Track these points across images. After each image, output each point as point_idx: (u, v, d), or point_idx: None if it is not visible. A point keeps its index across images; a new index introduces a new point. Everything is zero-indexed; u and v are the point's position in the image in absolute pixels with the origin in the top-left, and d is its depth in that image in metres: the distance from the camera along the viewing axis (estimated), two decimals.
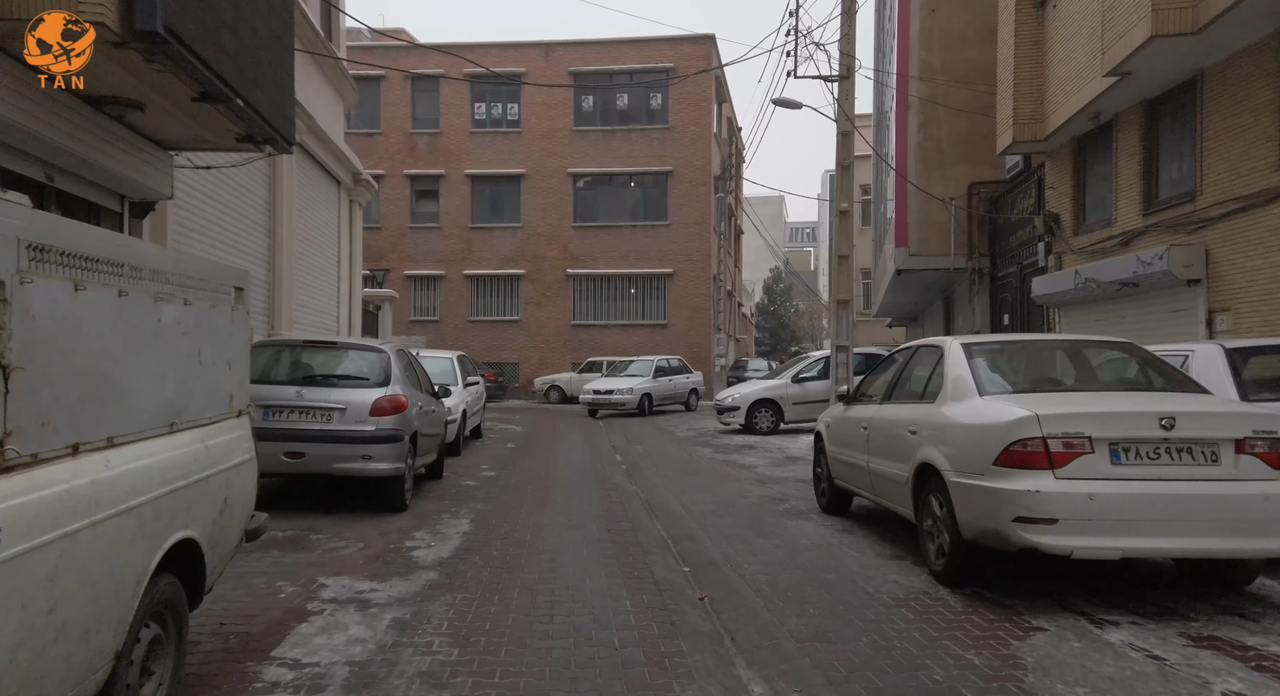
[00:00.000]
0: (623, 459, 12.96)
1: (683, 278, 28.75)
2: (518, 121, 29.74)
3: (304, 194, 12.27)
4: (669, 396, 22.79)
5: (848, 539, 6.65)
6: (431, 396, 9.40)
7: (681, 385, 23.17)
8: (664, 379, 22.61)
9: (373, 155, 29.60)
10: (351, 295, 14.95)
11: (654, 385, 22.04)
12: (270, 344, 7.80)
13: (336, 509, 7.60)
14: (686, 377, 23.49)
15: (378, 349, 7.91)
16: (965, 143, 14.67)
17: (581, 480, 10.26)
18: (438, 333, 29.49)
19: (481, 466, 11.35)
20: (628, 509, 8.23)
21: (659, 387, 22.29)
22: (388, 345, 8.11)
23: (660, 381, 22.40)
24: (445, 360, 13.89)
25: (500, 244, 29.70)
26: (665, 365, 23.21)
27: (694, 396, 23.59)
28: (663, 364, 23.18)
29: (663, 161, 28.81)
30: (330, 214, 13.88)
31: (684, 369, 23.76)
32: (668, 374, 22.94)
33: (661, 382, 22.43)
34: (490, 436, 15.69)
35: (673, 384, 22.87)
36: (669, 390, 22.72)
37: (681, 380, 23.23)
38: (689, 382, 23.47)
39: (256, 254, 10.37)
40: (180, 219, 8.24)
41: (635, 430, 17.58)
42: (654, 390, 22.02)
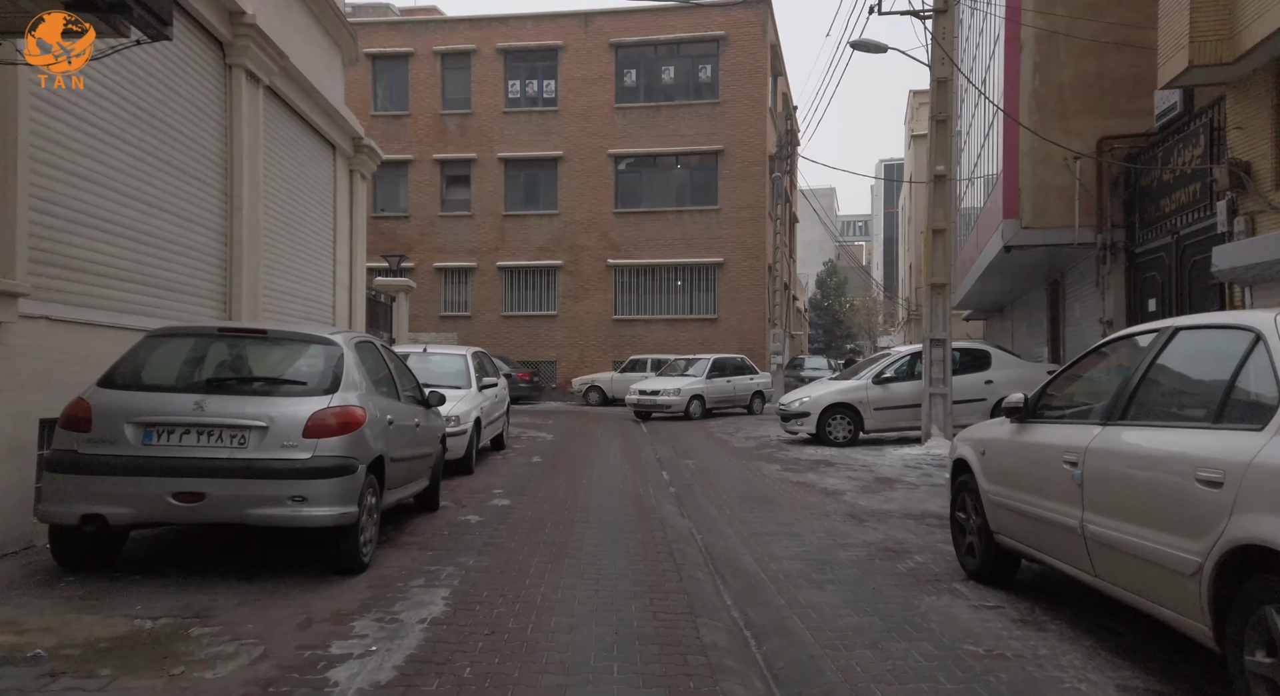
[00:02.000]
0: (671, 478, 10.54)
1: (735, 267, 26.18)
2: (554, 99, 27.48)
3: (280, 154, 10.06)
4: (725, 399, 20.30)
5: (1041, 644, 4.10)
6: (417, 405, 7.07)
7: (742, 387, 20.67)
8: (720, 380, 20.11)
9: (400, 139, 27.66)
10: (353, 282, 12.75)
11: (707, 386, 19.59)
12: (168, 334, 5.51)
13: (261, 569, 5.30)
14: (749, 379, 20.97)
15: (324, 339, 5.57)
16: (1094, 88, 11.90)
17: (618, 512, 7.85)
18: (469, 329, 27.40)
19: (494, 490, 9.01)
20: (681, 566, 5.79)
21: (714, 389, 19.81)
22: (343, 334, 5.77)
23: (715, 382, 19.92)
24: (458, 357, 11.60)
25: (535, 233, 27.47)
26: (724, 364, 20.68)
27: (758, 400, 21.09)
28: (722, 362, 20.68)
29: (712, 140, 26.27)
30: (322, 183, 11.68)
31: (746, 368, 21.20)
32: (726, 373, 20.43)
33: (717, 384, 19.95)
34: (515, 447, 13.38)
35: (731, 385, 20.37)
36: (725, 392, 20.22)
37: (742, 381, 20.72)
38: (752, 384, 20.96)
39: (204, 220, 8.16)
40: (54, 158, 6.01)
41: (685, 439, 15.11)
42: (707, 392, 19.55)
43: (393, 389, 6.45)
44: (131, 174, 7.01)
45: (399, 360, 7.23)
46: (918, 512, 7.83)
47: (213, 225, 8.42)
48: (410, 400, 6.98)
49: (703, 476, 10.52)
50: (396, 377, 6.57)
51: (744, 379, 20.85)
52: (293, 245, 10.58)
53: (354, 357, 5.63)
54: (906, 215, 40.08)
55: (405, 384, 7.10)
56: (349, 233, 12.60)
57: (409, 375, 7.32)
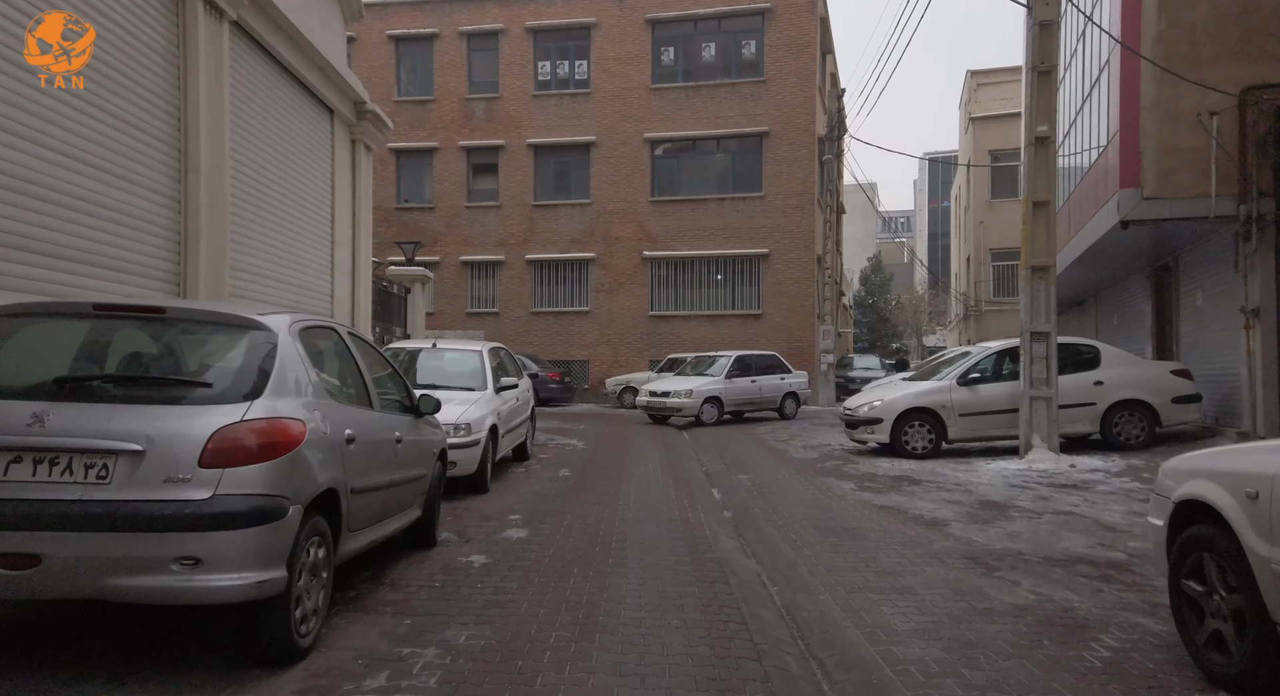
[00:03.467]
0: (724, 498, 8.78)
1: (781, 259, 24.26)
2: (586, 81, 25.80)
3: (257, 109, 8.46)
4: (749, 401, 18.23)
5: None
6: (402, 413, 5.38)
7: (770, 388, 18.50)
8: (743, 380, 18.01)
9: (425, 125, 26.21)
10: (356, 268, 11.16)
11: (726, 387, 17.59)
12: (18, 314, 3.80)
13: (144, 660, 3.62)
14: (780, 378, 18.73)
15: (249, 323, 3.85)
16: (1235, 28, 9.89)
17: (664, 549, 6.11)
18: (496, 326, 25.83)
19: (510, 516, 7.32)
20: (761, 647, 4.04)
21: (735, 391, 17.78)
22: (281, 316, 4.05)
23: (737, 383, 17.86)
24: (472, 354, 9.93)
25: (566, 223, 25.81)
26: (750, 362, 18.54)
27: (791, 402, 18.86)
28: (747, 359, 18.57)
29: (756, 121, 24.39)
30: (316, 152, 10.09)
31: (777, 367, 18.96)
32: (751, 373, 18.28)
33: (739, 385, 17.89)
34: (541, 457, 11.69)
35: (757, 386, 18.25)
36: (748, 394, 18.13)
37: (770, 382, 18.54)
38: (783, 385, 18.73)
39: (149, 182, 6.56)
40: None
41: (735, 448, 13.30)
42: (726, 393, 17.56)
43: (362, 392, 4.76)
44: (51, 121, 5.40)
45: (378, 354, 5.54)
46: (1059, 555, 5.96)
47: (162, 189, 6.82)
48: (392, 407, 5.29)
49: (762, 496, 8.72)
50: (368, 377, 4.87)
51: (773, 379, 18.62)
52: (276, 221, 8.98)
53: (296, 349, 3.93)
54: (962, 204, 37.80)
55: (387, 385, 5.41)
56: (351, 212, 11.01)
57: (394, 374, 5.63)
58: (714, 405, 17.46)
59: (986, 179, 30.63)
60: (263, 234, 8.62)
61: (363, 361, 4.92)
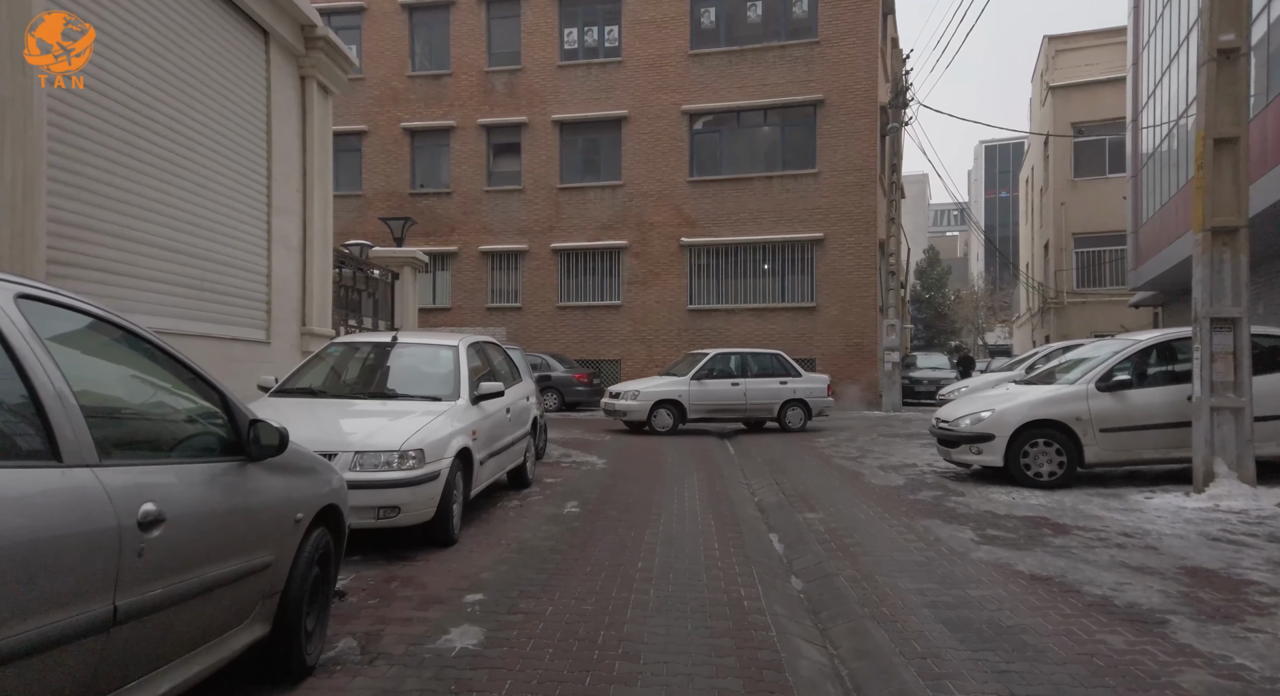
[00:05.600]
0: (789, 554, 6.16)
1: (837, 244, 21.41)
2: (617, 49, 23.23)
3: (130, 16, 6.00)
4: (728, 408, 15.14)
5: None
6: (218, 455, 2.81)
7: (762, 394, 15.17)
8: (720, 382, 15.05)
9: (441, 103, 23.89)
10: (309, 242, 8.72)
11: (691, 390, 14.76)
12: None
13: None
14: (779, 383, 15.29)
15: None
16: None
17: (701, 673, 3.47)
18: (519, 322, 23.42)
19: (467, 596, 4.80)
20: None
21: (705, 394, 14.86)
22: None
23: (710, 385, 14.93)
24: (443, 350, 7.39)
25: (596, 208, 23.27)
26: (740, 361, 15.44)
27: (797, 411, 15.29)
28: (734, 359, 15.51)
29: (809, 88, 21.56)
30: (242, 83, 7.65)
31: (779, 369, 15.48)
32: (735, 374, 15.21)
33: (713, 387, 14.93)
34: (549, 480, 9.15)
35: (740, 390, 15.03)
36: (729, 399, 15.04)
37: (762, 386, 15.19)
38: (782, 390, 15.26)
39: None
40: None
41: (792, 467, 10.57)
42: (690, 397, 14.73)
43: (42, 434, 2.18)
44: None
45: (162, 353, 2.96)
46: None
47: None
48: (185, 449, 2.74)
49: (844, 550, 6.03)
50: (40, 397, 2.28)
51: (767, 383, 15.24)
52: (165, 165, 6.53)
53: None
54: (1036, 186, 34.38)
55: (173, 406, 2.86)
56: (301, 169, 8.56)
57: (197, 387, 3.07)
58: (670, 410, 14.67)
59: (1069, 155, 27.36)
60: (138, 182, 6.17)
61: (46, 368, 2.34)
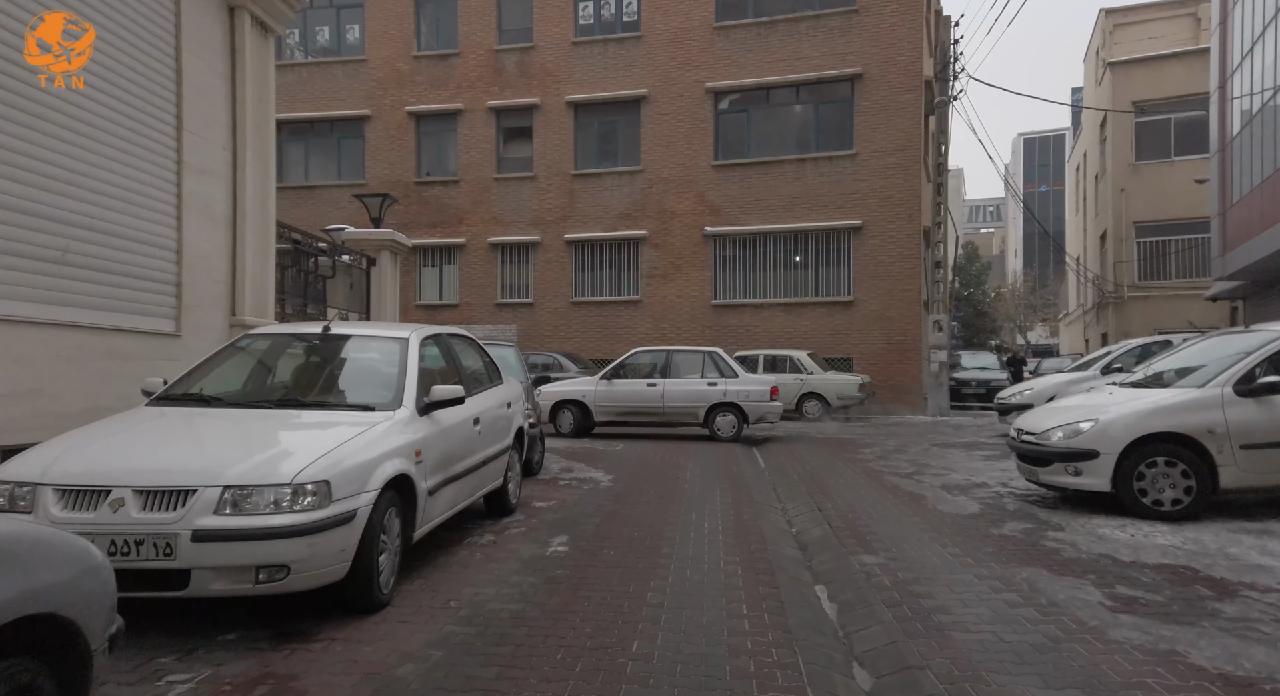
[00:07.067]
0: (844, 621, 4.40)
1: (877, 232, 19.49)
2: (636, 23, 21.50)
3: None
4: (640, 411, 13.37)
5: None
6: None
7: (684, 396, 13.23)
8: (636, 382, 13.40)
9: (448, 85, 22.34)
10: (242, 213, 7.07)
11: (599, 390, 13.25)
12: None
13: None
14: (707, 384, 13.23)
15: None
16: None
17: None
18: (530, 319, 21.79)
19: (401, 670, 3.09)
20: None
21: (613, 396, 13.28)
22: None
23: (622, 386, 13.34)
24: (387, 344, 5.66)
25: (613, 195, 21.55)
26: (661, 360, 13.63)
27: (729, 417, 13.09)
28: (654, 358, 13.75)
29: (847, 62, 19.67)
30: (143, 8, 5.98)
31: (710, 367, 13.44)
32: (655, 373, 13.51)
33: (627, 388, 13.32)
34: (539, 503, 7.45)
35: (658, 391, 13.27)
36: (645, 401, 13.30)
37: (684, 388, 13.28)
38: (711, 392, 13.17)
39: None
40: None
41: (835, 486, 8.73)
42: (595, 398, 13.22)
43: None
44: None
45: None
46: None
47: None
48: None
49: (929, 628, 4.24)
50: None
51: (691, 384, 13.27)
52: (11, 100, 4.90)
53: None
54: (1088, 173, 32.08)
55: None
56: (228, 124, 6.92)
57: None
58: (573, 412, 13.21)
59: (1130, 138, 25.13)
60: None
61: None
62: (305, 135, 23.53)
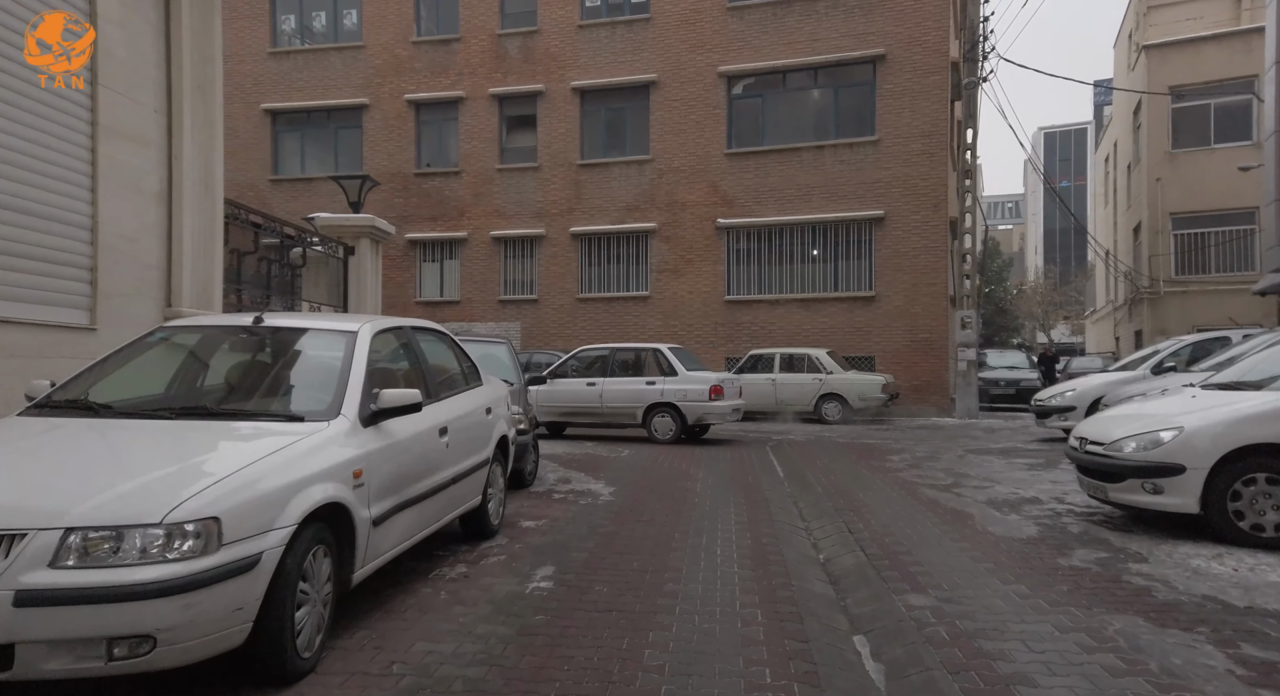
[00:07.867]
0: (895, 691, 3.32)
1: (901, 223, 18.39)
2: (645, 4, 20.47)
3: None
4: (585, 411, 12.92)
5: None
6: None
7: (625, 395, 12.64)
8: (577, 381, 13.00)
9: (449, 71, 21.41)
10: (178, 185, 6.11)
11: (539, 390, 12.38)
12: None
13: None
14: (645, 383, 12.62)
15: None
16: None
17: None
18: (535, 316, 20.84)
19: None
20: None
21: (555, 396, 12.84)
22: None
23: (564, 386, 12.97)
24: (332, 339, 4.67)
25: (621, 187, 20.55)
26: (601, 359, 13.21)
27: (666, 418, 12.46)
28: (602, 356, 13.27)
29: (868, 42, 18.59)
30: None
31: (650, 365, 12.93)
32: (581, 373, 13.14)
33: (567, 388, 12.95)
34: (527, 522, 6.47)
35: (597, 391, 12.78)
36: (586, 402, 12.85)
37: (626, 387, 12.68)
38: (648, 392, 12.55)
39: None
40: None
41: (867, 502, 7.67)
42: (538, 397, 12.38)
43: None
44: None
45: None
46: None
47: None
48: None
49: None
50: None
51: (629, 383, 12.69)
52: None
53: None
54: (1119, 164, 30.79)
55: None
56: (162, 82, 5.96)
57: None
58: None
59: (1165, 125, 23.86)
60: None
61: None
62: (301, 125, 22.66)
